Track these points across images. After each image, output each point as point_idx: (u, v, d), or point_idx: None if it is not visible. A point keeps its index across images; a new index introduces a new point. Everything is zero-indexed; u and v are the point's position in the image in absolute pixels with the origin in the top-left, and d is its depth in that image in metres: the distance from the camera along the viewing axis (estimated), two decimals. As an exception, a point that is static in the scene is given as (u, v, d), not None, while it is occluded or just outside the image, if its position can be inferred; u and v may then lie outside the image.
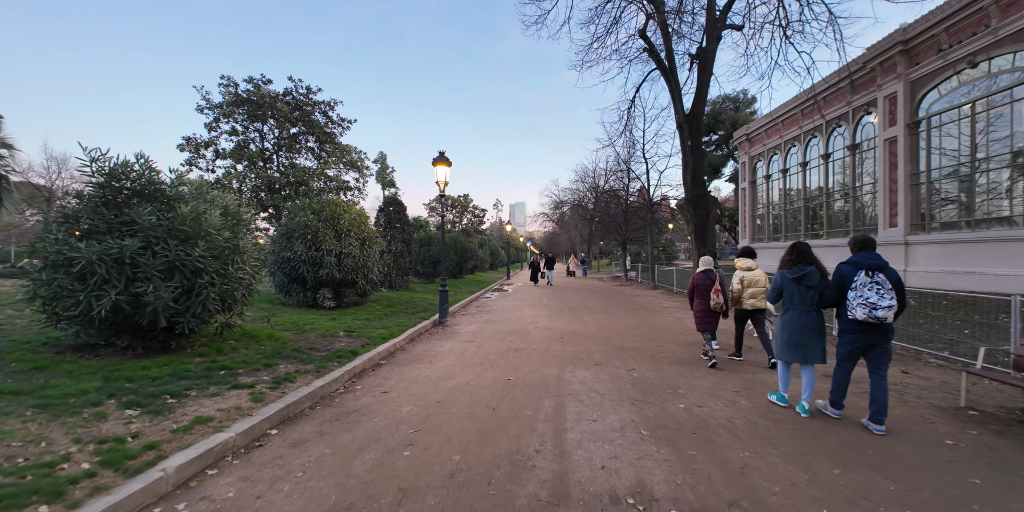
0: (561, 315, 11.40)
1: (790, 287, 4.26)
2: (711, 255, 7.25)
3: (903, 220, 14.37)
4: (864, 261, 3.84)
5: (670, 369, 5.95)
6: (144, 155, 5.79)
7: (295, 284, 10.16)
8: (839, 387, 4.09)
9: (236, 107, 21.76)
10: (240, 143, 21.90)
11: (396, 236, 15.22)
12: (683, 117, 13.52)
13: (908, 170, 14.28)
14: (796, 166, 20.74)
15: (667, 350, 7.16)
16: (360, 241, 10.61)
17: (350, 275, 10.25)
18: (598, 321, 10.31)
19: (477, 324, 10.04)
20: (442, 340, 8.21)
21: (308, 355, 6.23)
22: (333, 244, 9.90)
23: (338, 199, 10.63)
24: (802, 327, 4.16)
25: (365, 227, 10.82)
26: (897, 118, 14.55)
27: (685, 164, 13.61)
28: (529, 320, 10.59)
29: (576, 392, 4.96)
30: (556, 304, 14.05)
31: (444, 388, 5.19)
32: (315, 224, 9.90)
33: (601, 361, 6.43)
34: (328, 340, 7.29)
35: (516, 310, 12.65)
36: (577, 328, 9.33)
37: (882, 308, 3.60)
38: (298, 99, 21.93)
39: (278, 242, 10.29)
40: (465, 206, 63.62)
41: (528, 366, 6.16)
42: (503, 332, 8.95)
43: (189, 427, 3.67)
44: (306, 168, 22.12)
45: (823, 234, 18.85)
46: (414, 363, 6.45)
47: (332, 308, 10.18)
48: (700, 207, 13.31)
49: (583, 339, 8.12)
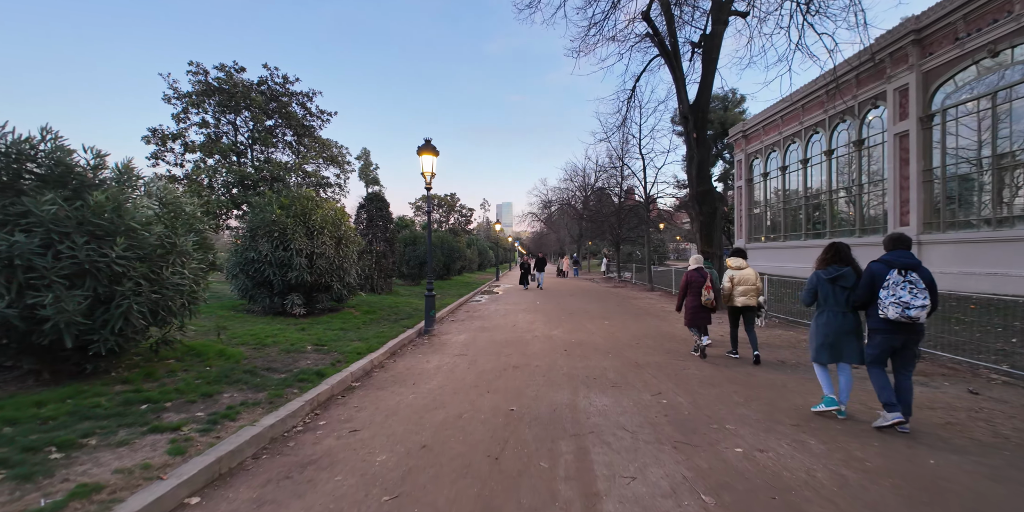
0: (560, 321, 10.38)
1: (825, 287, 4.15)
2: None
3: (915, 218, 13.69)
4: (897, 259, 3.74)
5: (704, 393, 4.96)
6: (51, 129, 4.59)
7: (260, 289, 8.96)
8: (884, 388, 3.81)
9: (207, 97, 20.26)
10: (211, 136, 20.39)
11: (378, 235, 14.05)
12: (687, 107, 12.62)
13: (921, 166, 13.59)
14: (796, 163, 20.07)
15: (690, 365, 6.18)
16: (335, 240, 9.45)
17: (323, 278, 9.08)
18: (602, 329, 9.31)
19: (468, 333, 8.96)
20: (429, 354, 7.12)
21: (263, 379, 5.09)
22: (303, 243, 8.72)
23: (311, 193, 9.46)
24: (839, 329, 4.05)
25: (342, 224, 9.66)
26: (909, 111, 13.86)
27: (690, 158, 12.71)
28: (525, 327, 9.55)
29: (599, 429, 3.92)
30: (552, 308, 13.03)
31: (431, 423, 4.10)
32: (283, 220, 8.72)
33: (618, 381, 5.40)
34: (292, 357, 6.14)
35: (510, 315, 11.60)
36: (581, 337, 8.32)
37: (915, 307, 3.52)
38: (274, 89, 20.50)
39: (241, 241, 9.08)
40: (452, 205, 62.33)
41: (532, 389, 5.11)
42: (498, 342, 7.89)
43: (61, 506, 2.53)
44: (283, 163, 20.70)
45: (826, 234, 18.16)
46: (394, 386, 5.35)
47: (303, 316, 9.00)
48: (706, 204, 12.42)
49: (590, 351, 7.10)
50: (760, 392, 4.97)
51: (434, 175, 8.91)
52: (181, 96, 20.26)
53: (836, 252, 4.20)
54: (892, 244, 3.89)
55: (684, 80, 12.86)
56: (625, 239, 28.17)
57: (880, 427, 3.81)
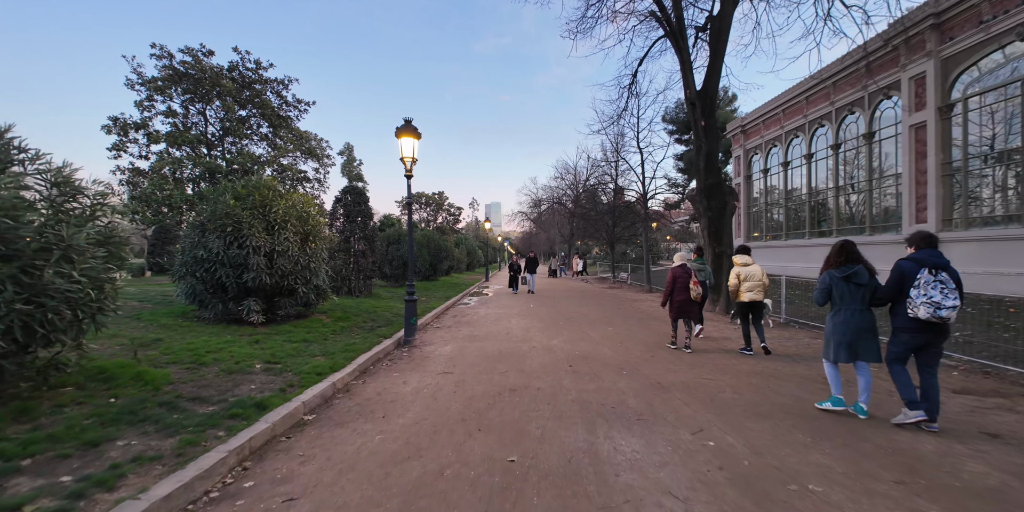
0: (558, 328, 9.26)
1: (840, 286, 4.13)
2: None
3: (933, 215, 12.85)
4: (928, 259, 3.73)
5: (755, 428, 3.86)
6: None
7: (213, 293, 7.68)
8: (906, 386, 3.82)
9: (173, 83, 18.77)
10: (177, 125, 18.90)
11: (357, 232, 12.78)
12: (695, 93, 11.59)
13: (939, 159, 12.76)
14: (799, 158, 19.24)
15: (725, 386, 5.09)
16: (301, 236, 8.20)
17: (286, 280, 7.83)
18: (607, 337, 8.21)
19: (455, 343, 7.79)
20: (407, 371, 5.93)
21: (183, 414, 3.87)
22: (262, 239, 7.47)
23: (272, 181, 8.19)
24: (856, 327, 4.02)
25: (310, 218, 8.40)
26: (926, 101, 13.03)
27: (697, 148, 11.69)
28: (520, 336, 8.41)
29: (636, 497, 2.79)
30: (547, 313, 11.91)
31: (400, 486, 2.94)
32: (237, 213, 7.45)
33: (643, 412, 4.29)
34: (232, 380, 4.91)
35: (502, 321, 10.45)
36: (585, 348, 7.20)
37: (946, 308, 3.50)
38: (246, 75, 19.06)
39: (189, 237, 7.79)
40: (440, 204, 60.98)
41: (537, 425, 3.96)
42: (490, 356, 6.74)
43: None
44: (256, 156, 19.29)
45: (833, 232, 17.32)
46: (359, 420, 4.16)
47: (262, 324, 7.74)
48: (715, 198, 11.40)
49: (600, 367, 5.98)
50: (824, 425, 3.89)
51: (415, 161, 7.72)
52: (146, 82, 18.77)
53: (847, 251, 4.17)
54: (921, 242, 3.86)
55: (691, 63, 11.84)
56: (619, 238, 27.19)
57: (900, 424, 3.78)
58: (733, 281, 6.61)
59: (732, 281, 6.62)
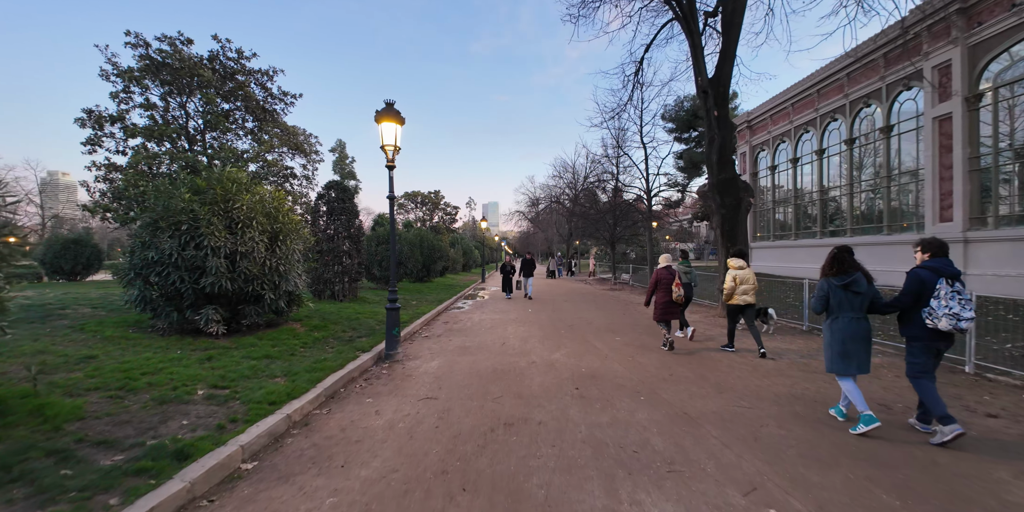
0: (560, 338, 8.35)
1: (838, 294, 3.97)
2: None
3: (960, 213, 12.00)
4: (945, 269, 3.60)
5: (823, 483, 2.96)
6: None
7: (167, 300, 6.72)
8: (937, 401, 3.52)
9: (151, 74, 17.73)
10: (155, 118, 17.86)
11: (341, 231, 11.83)
12: (706, 81, 10.71)
13: (967, 153, 11.91)
14: (810, 154, 18.39)
15: (767, 417, 4.19)
16: (269, 235, 7.25)
17: (251, 285, 6.88)
18: (615, 349, 7.30)
19: (443, 356, 6.86)
20: (382, 396, 5.00)
21: (77, 468, 2.94)
22: (222, 239, 6.52)
23: (236, 172, 7.23)
24: (853, 335, 3.89)
25: (280, 215, 7.45)
26: (952, 91, 12.18)
27: (710, 140, 10.79)
28: (517, 347, 7.49)
29: None
30: (547, 318, 11.00)
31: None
32: (194, 209, 6.50)
33: (675, 458, 3.38)
34: (163, 412, 3.97)
35: (497, 328, 9.53)
36: (593, 365, 6.28)
37: (965, 319, 3.39)
38: (227, 66, 18.03)
39: (139, 236, 6.84)
40: (436, 203, 60.01)
41: (540, 482, 3.05)
42: (483, 374, 5.82)
43: None
44: (239, 151, 18.27)
45: (847, 231, 16.48)
46: (309, 472, 3.24)
47: (223, 335, 6.80)
48: (728, 194, 10.52)
49: (612, 390, 5.07)
50: (905, 474, 2.99)
51: (398, 149, 6.78)
52: (122, 73, 17.72)
53: (840, 260, 4.00)
54: (939, 250, 3.76)
55: (702, 49, 10.95)
56: (619, 238, 26.31)
57: (941, 443, 3.47)
58: (729, 284, 6.88)
59: (728, 284, 6.90)
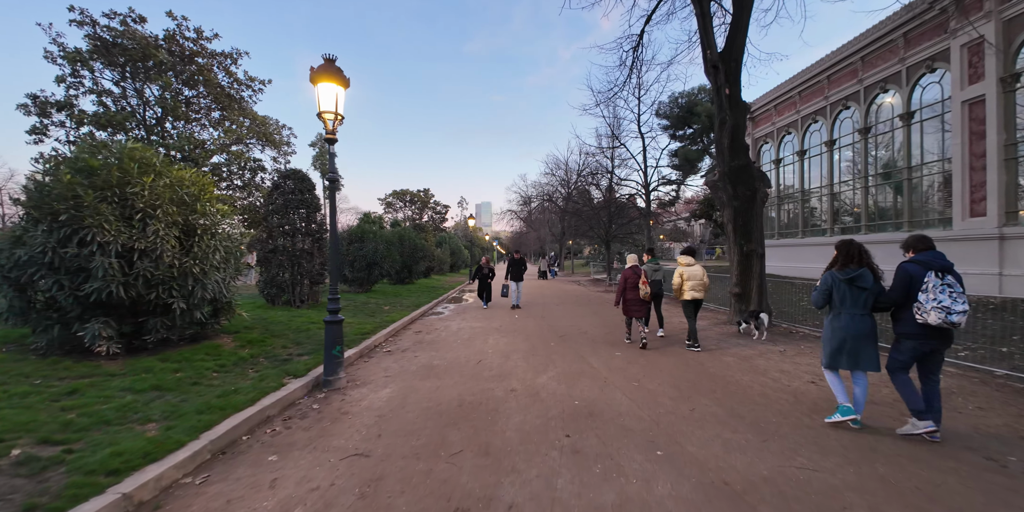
0: (548, 352, 6.96)
1: (841, 289, 3.80)
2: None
3: (994, 206, 10.77)
4: (933, 261, 3.52)
5: None
6: None
7: (41, 310, 5.24)
8: (913, 394, 3.57)
9: (103, 56, 16.11)
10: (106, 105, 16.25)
11: (300, 227, 10.34)
12: (716, 55, 9.38)
13: (1002, 139, 10.68)
14: (819, 146, 17.16)
15: (844, 487, 2.81)
16: (184, 228, 5.79)
17: (155, 292, 5.42)
18: (617, 369, 5.92)
19: (399, 381, 5.43)
20: (294, 451, 3.56)
21: None
22: (113, 232, 5.05)
23: (145, 150, 5.74)
24: (856, 333, 3.72)
25: (199, 204, 5.97)
26: (984, 71, 10.96)
27: (721, 122, 9.45)
28: (496, 367, 6.09)
29: None
30: (535, 326, 9.60)
31: None
32: (76, 193, 5.03)
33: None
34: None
35: (476, 340, 8.12)
36: (588, 393, 4.89)
37: (956, 313, 3.26)
38: (186, 47, 16.44)
39: (13, 231, 5.35)
40: (425, 202, 58.39)
41: None
42: (443, 411, 4.40)
43: None
44: (199, 140, 16.72)
45: (860, 228, 15.25)
46: None
47: (118, 356, 5.32)
48: (742, 183, 9.19)
49: (618, 439, 3.67)
50: None
51: (341, 119, 5.33)
52: (69, 54, 16.08)
53: (857, 252, 3.82)
54: (919, 244, 3.69)
55: (710, 20, 9.62)
56: (615, 237, 25.00)
57: (907, 434, 3.51)
58: (677, 280, 7.11)
59: (676, 280, 7.12)
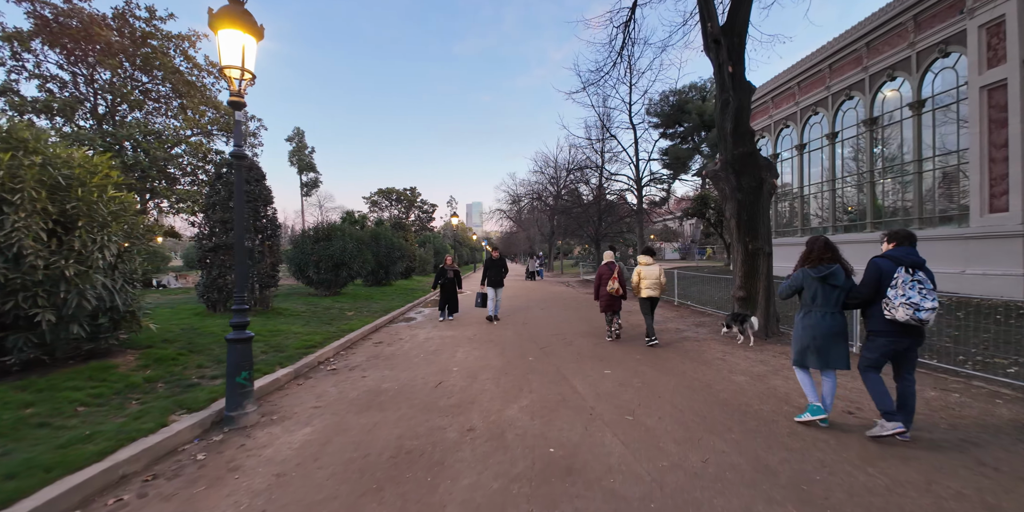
0: (526, 370, 5.83)
1: (813, 286, 3.77)
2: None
3: (1018, 201, 9.85)
4: (905, 257, 3.47)
5: None
6: None
7: None
8: (884, 395, 3.46)
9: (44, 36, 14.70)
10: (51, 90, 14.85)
11: (250, 223, 9.09)
12: (718, 28, 8.34)
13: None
14: (820, 139, 16.25)
15: None
16: (58, 218, 4.55)
17: (12, 300, 4.18)
18: (606, 395, 4.80)
19: (327, 416, 4.26)
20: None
21: None
22: (-60, 224, 3.81)
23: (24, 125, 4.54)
24: (826, 331, 3.67)
25: (81, 189, 4.74)
26: (1005, 53, 10.05)
27: (723, 103, 8.40)
28: (458, 391, 4.94)
29: None
30: (514, 336, 8.48)
31: None
32: None
33: None
34: None
35: (443, 353, 6.97)
36: (569, 434, 3.76)
37: (925, 309, 3.23)
38: (137, 28, 15.07)
39: None
40: (412, 201, 57.03)
41: None
42: (370, 466, 3.24)
43: None
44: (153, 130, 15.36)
45: (866, 225, 14.33)
46: None
47: (-44, 386, 4.07)
48: (747, 173, 8.16)
49: None
50: None
51: (252, 78, 4.16)
52: (8, 35, 14.67)
53: (829, 249, 3.79)
54: (901, 239, 3.60)
55: (711, -11, 8.56)
56: (605, 235, 23.98)
57: (877, 437, 3.41)
58: (635, 279, 7.44)
59: (634, 279, 7.46)
